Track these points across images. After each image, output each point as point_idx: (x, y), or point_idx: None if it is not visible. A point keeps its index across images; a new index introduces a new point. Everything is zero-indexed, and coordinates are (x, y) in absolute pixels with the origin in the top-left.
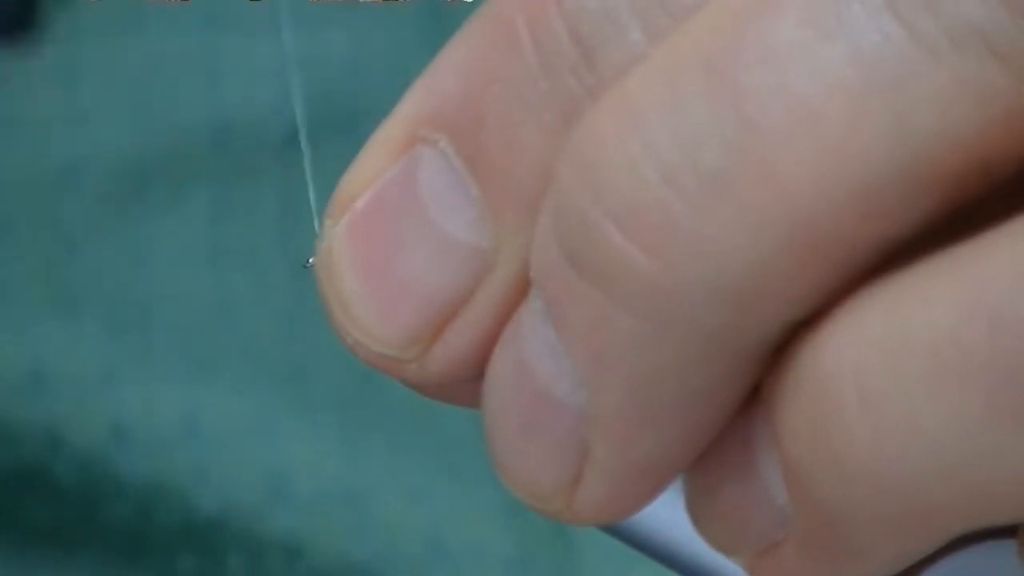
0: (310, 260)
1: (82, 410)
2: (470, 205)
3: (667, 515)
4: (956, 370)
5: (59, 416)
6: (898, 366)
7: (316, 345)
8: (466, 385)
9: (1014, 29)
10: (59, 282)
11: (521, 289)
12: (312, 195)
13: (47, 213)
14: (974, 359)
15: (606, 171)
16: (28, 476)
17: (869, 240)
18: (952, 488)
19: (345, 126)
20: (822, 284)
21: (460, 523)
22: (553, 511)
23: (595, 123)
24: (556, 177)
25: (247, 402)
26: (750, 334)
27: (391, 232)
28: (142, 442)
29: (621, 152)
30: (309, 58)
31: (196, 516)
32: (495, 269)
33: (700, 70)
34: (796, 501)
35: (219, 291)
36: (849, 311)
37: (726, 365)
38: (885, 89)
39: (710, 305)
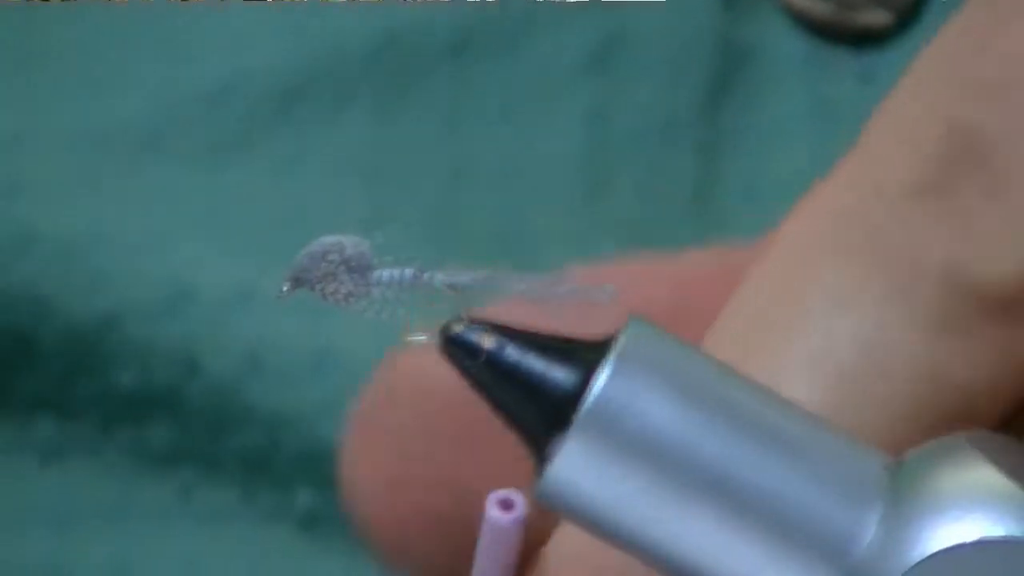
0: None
1: (219, 335)
2: None
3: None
4: None
5: (197, 340)
6: None
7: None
8: None
9: None
10: (205, 198)
11: None
12: None
13: (198, 129)
14: None
15: None
16: (157, 399)
17: None
18: None
19: (507, 42)
20: None
21: None
22: None
23: None
24: None
25: (380, 335)
26: None
27: None
28: (276, 370)
29: None
30: None
31: (321, 446)
32: None
33: None
34: None
35: (369, 205)
36: None
37: None
38: None
39: None
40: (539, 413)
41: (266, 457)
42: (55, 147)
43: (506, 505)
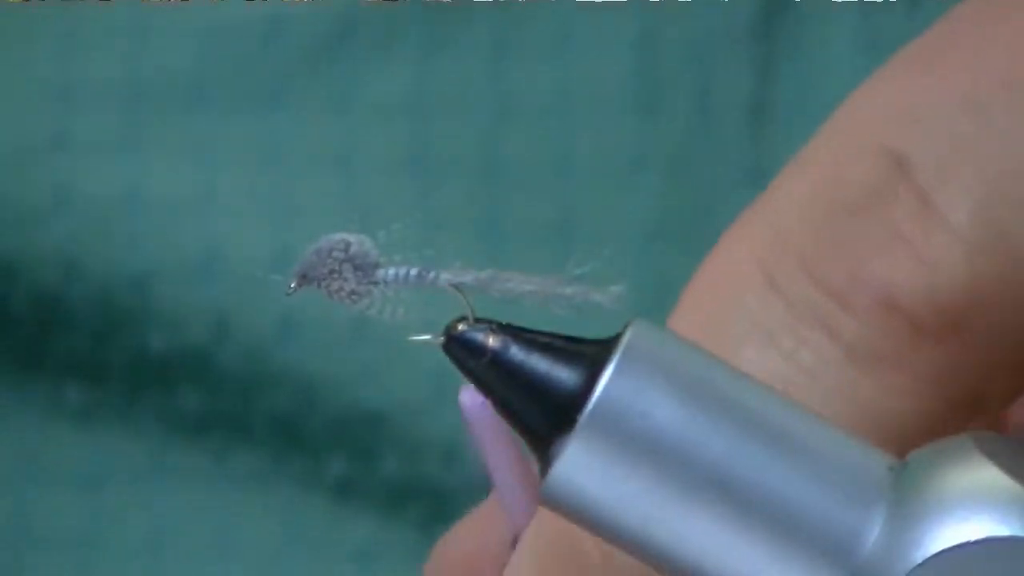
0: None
1: (253, 299)
2: None
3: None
4: None
5: (229, 303)
6: None
7: (505, 215)
8: None
9: None
10: (249, 147)
11: None
12: None
13: (244, 75)
14: None
15: None
16: (189, 362)
17: None
18: None
19: None
20: None
21: None
22: None
23: None
24: None
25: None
26: None
27: None
28: (311, 335)
29: None
30: None
31: (357, 412)
32: None
33: None
34: None
35: (414, 143)
36: None
37: None
38: None
39: None
40: (543, 413)
41: (298, 422)
42: (102, 97)
43: None
